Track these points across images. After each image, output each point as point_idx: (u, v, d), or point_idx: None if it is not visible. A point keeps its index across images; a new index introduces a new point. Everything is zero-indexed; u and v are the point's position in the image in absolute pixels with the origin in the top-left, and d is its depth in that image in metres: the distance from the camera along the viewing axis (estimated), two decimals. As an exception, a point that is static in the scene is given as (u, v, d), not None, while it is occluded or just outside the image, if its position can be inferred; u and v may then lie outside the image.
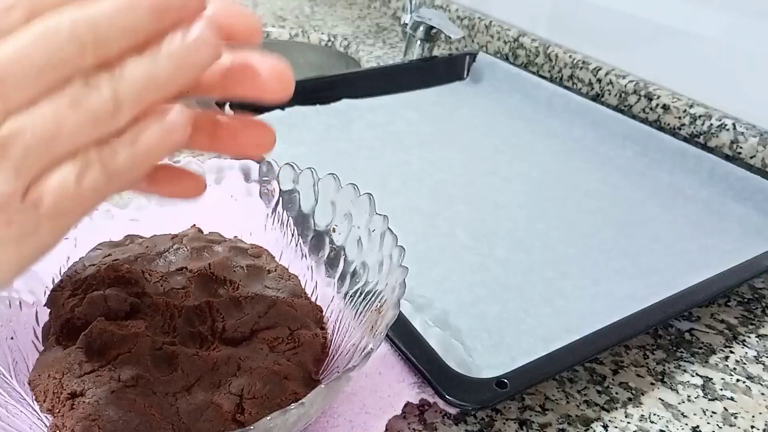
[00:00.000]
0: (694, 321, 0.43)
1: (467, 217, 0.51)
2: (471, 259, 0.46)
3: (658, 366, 0.39)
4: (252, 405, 0.29)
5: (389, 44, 0.95)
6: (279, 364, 0.31)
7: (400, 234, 0.34)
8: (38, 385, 0.30)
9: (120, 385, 0.28)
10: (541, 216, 0.52)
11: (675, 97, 0.64)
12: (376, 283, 0.33)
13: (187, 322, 0.32)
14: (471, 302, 0.42)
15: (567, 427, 0.34)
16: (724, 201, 0.54)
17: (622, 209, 0.53)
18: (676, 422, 0.35)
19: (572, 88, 0.73)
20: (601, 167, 0.60)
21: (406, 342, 0.35)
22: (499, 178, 0.57)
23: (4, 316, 0.32)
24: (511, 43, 0.83)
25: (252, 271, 0.36)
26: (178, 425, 0.28)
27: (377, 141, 0.62)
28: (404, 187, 0.55)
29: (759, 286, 0.46)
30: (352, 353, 0.31)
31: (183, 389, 0.29)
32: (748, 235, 0.50)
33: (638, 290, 0.43)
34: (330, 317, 0.36)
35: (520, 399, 0.36)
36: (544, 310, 0.41)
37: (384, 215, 0.34)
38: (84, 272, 0.34)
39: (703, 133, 0.61)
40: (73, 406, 0.28)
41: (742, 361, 0.40)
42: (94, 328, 0.30)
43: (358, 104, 0.69)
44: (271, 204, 0.41)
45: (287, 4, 1.13)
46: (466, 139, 0.64)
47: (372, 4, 1.15)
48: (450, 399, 0.31)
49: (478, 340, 0.38)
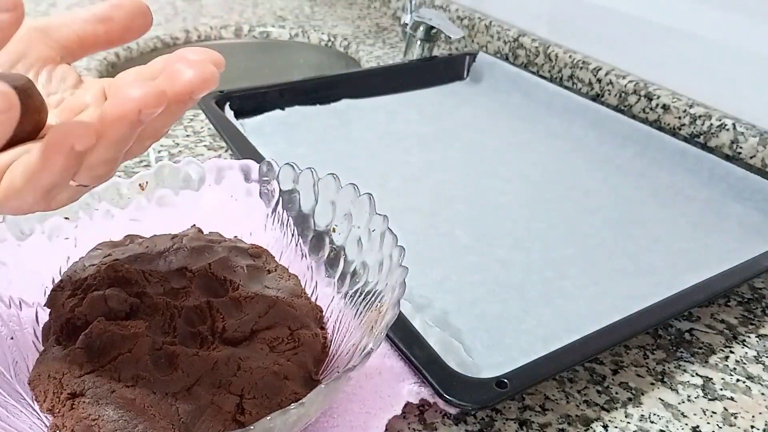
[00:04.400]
0: (694, 321, 0.43)
1: (467, 217, 0.51)
2: (471, 259, 0.46)
3: (658, 366, 0.39)
4: (252, 405, 0.29)
5: (389, 44, 0.95)
6: (279, 364, 0.31)
7: (400, 234, 0.34)
8: (38, 385, 0.30)
9: (120, 385, 0.28)
10: (541, 216, 0.52)
11: (675, 97, 0.64)
12: (376, 283, 0.33)
13: (187, 322, 0.32)
14: (471, 302, 0.42)
15: (567, 427, 0.34)
16: (724, 201, 0.54)
17: (622, 209, 0.53)
18: (676, 422, 0.35)
19: (572, 88, 0.73)
20: (601, 167, 0.60)
21: (406, 342, 0.35)
22: (499, 178, 0.57)
23: (4, 316, 0.32)
24: (511, 43, 0.83)
25: (252, 271, 0.36)
26: (178, 425, 0.28)
27: (377, 141, 0.62)
28: (404, 187, 0.55)
29: (759, 286, 0.46)
30: (352, 353, 0.31)
31: (183, 389, 0.29)
32: (748, 235, 0.50)
33: (638, 290, 0.43)
34: (330, 317, 0.36)
35: (520, 399, 0.36)
36: (544, 310, 0.41)
37: (384, 215, 0.34)
38: (84, 272, 0.34)
39: (703, 133, 0.61)
40: (73, 406, 0.28)
41: (742, 361, 0.40)
42: (94, 328, 0.30)
43: (358, 104, 0.69)
44: (271, 204, 0.41)
45: (287, 4, 1.13)
46: (466, 139, 0.64)
47: (372, 4, 1.15)
48: (450, 399, 0.31)
49: (478, 340, 0.39)
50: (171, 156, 0.59)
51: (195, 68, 0.22)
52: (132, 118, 0.20)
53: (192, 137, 0.63)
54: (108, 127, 0.21)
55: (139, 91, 0.20)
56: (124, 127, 0.21)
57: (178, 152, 0.60)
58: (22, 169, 0.21)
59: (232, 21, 1.01)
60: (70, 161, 0.20)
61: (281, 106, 0.67)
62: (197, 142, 0.62)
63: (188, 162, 0.41)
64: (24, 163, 0.21)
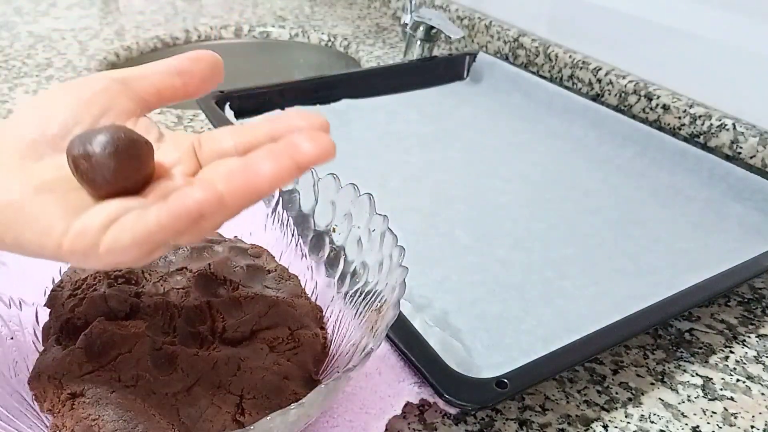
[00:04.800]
0: (694, 321, 0.43)
1: (467, 217, 0.51)
2: (471, 259, 0.46)
3: (658, 366, 0.39)
4: (252, 405, 0.29)
5: (389, 44, 0.95)
6: (279, 364, 0.31)
7: (400, 234, 0.34)
8: (38, 386, 0.30)
9: (120, 385, 0.28)
10: (541, 216, 0.52)
11: (675, 97, 0.64)
12: (376, 283, 0.33)
13: (187, 322, 0.32)
14: (471, 302, 0.42)
15: (567, 427, 0.34)
16: (724, 201, 0.54)
17: (622, 209, 0.53)
18: (676, 422, 0.35)
19: (572, 88, 0.73)
20: (601, 167, 0.60)
21: (406, 342, 0.35)
22: (499, 178, 0.57)
23: (4, 316, 0.32)
24: (511, 43, 0.83)
25: (252, 271, 0.36)
26: (178, 425, 0.28)
27: (377, 141, 0.62)
28: (404, 187, 0.55)
29: (759, 286, 0.46)
30: (352, 353, 0.31)
31: (183, 389, 0.29)
32: (748, 235, 0.50)
33: (638, 290, 0.43)
34: (330, 317, 0.36)
35: (520, 399, 0.36)
36: (544, 310, 0.41)
37: (384, 215, 0.34)
38: (84, 272, 0.34)
39: (703, 133, 0.61)
40: (73, 406, 0.28)
41: (742, 361, 0.40)
42: (94, 328, 0.30)
43: (358, 104, 0.69)
44: (271, 204, 0.41)
45: (287, 4, 1.13)
46: (466, 139, 0.64)
47: (372, 4, 1.15)
48: (450, 399, 0.31)
49: (478, 340, 0.38)
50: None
51: (313, 142, 0.21)
52: (263, 193, 0.20)
53: (192, 137, 0.63)
54: (236, 198, 0.20)
55: (271, 165, 0.20)
56: (252, 200, 0.20)
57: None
58: (137, 227, 0.20)
59: (232, 21, 1.01)
60: (190, 226, 0.20)
61: (281, 106, 0.67)
62: (197, 142, 0.62)
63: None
64: (138, 222, 0.21)
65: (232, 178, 0.20)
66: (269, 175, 0.20)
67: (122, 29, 0.94)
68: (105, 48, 0.86)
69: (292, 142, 0.21)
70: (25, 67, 0.78)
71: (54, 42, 0.87)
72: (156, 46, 0.92)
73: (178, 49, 0.94)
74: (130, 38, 0.90)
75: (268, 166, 0.20)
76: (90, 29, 0.93)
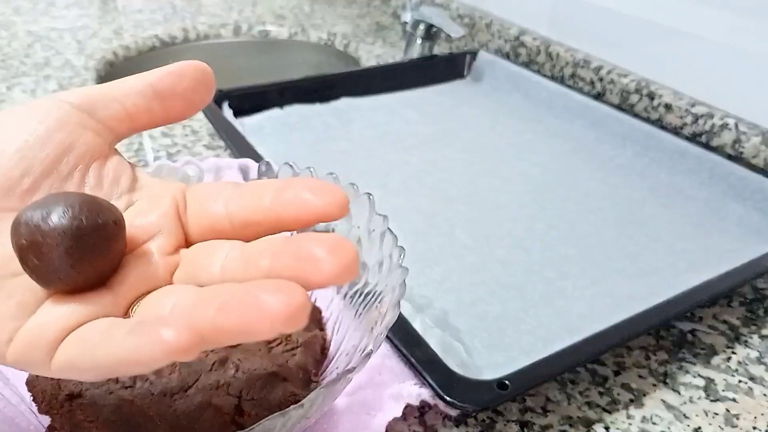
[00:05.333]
0: (696, 322, 0.42)
1: (467, 217, 0.51)
2: (471, 259, 0.46)
3: (660, 367, 0.38)
4: (251, 406, 0.29)
5: (389, 43, 0.95)
6: (278, 365, 0.31)
7: (400, 234, 0.33)
8: (36, 386, 0.29)
9: (118, 386, 0.28)
10: (541, 216, 0.51)
11: (677, 96, 0.64)
12: (375, 283, 0.33)
13: (185, 323, 0.32)
14: (471, 302, 0.41)
15: (568, 429, 0.34)
16: (724, 201, 0.54)
17: (622, 209, 0.53)
18: (678, 423, 0.35)
19: (574, 87, 0.72)
20: (601, 167, 0.59)
21: (406, 343, 0.35)
22: (499, 178, 0.57)
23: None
24: (512, 41, 0.82)
25: (251, 272, 0.36)
26: (176, 427, 0.28)
27: (377, 141, 0.62)
28: (404, 187, 0.55)
29: (761, 287, 0.46)
30: (352, 354, 0.31)
31: (181, 390, 0.29)
32: (748, 235, 0.50)
33: (638, 290, 0.43)
34: (330, 318, 0.36)
35: (521, 400, 0.36)
36: (545, 311, 0.41)
37: (384, 215, 0.34)
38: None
39: (705, 133, 0.61)
40: (71, 408, 0.28)
41: (745, 362, 0.39)
42: (92, 328, 0.30)
43: (358, 103, 0.69)
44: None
45: (287, 3, 1.13)
46: (466, 139, 0.64)
47: (372, 2, 1.15)
48: (450, 400, 0.31)
49: (478, 341, 0.38)
50: (169, 155, 0.59)
51: (334, 255, 0.17)
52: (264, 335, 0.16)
53: (190, 136, 0.63)
54: (226, 338, 0.16)
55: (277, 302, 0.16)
56: (246, 339, 0.16)
57: (177, 152, 0.60)
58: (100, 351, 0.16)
59: (231, 20, 1.01)
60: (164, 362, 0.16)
61: (280, 105, 0.66)
62: (196, 141, 0.62)
63: (186, 161, 0.40)
64: (103, 344, 0.17)
65: (224, 316, 0.16)
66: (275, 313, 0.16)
67: (121, 28, 0.94)
68: (103, 47, 0.86)
69: (308, 255, 0.17)
70: (23, 67, 0.77)
71: (52, 41, 0.87)
72: (154, 45, 0.92)
73: (177, 49, 0.94)
74: (129, 37, 0.90)
75: (276, 303, 0.16)
76: (88, 28, 0.93)
